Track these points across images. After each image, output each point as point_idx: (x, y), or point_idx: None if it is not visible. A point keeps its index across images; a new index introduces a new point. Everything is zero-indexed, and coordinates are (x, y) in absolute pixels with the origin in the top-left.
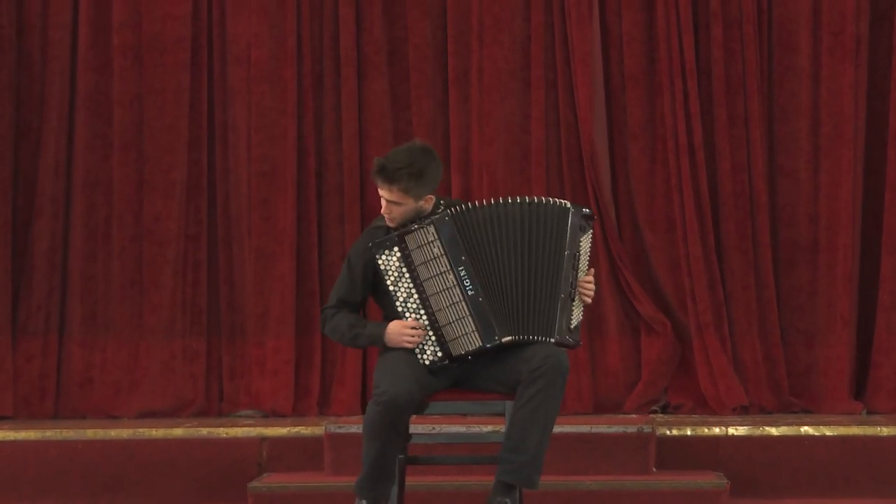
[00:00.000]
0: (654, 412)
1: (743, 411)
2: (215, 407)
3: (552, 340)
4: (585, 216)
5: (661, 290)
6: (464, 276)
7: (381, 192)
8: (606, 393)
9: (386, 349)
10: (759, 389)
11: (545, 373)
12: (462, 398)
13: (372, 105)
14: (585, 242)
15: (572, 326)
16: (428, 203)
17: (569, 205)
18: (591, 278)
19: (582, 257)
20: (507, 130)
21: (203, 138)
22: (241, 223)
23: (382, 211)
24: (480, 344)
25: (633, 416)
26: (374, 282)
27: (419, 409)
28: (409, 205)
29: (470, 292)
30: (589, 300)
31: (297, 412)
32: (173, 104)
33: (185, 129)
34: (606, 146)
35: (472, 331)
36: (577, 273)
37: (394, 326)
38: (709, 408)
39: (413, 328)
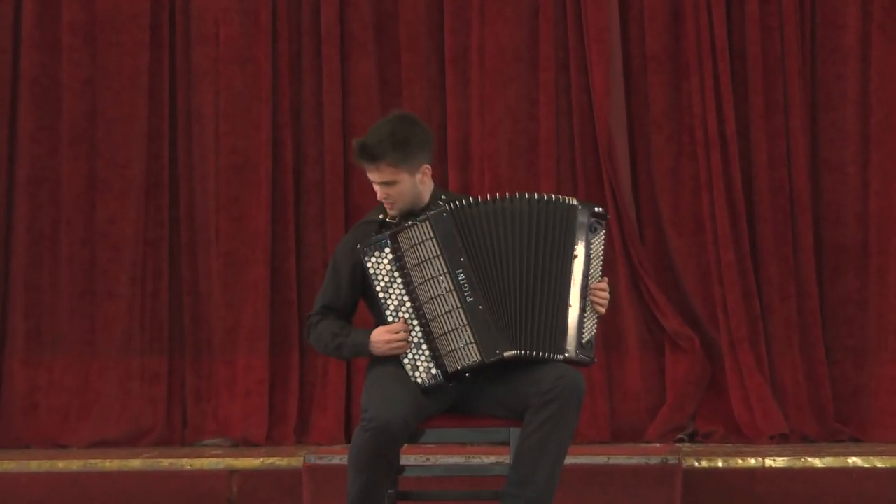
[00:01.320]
0: (681, 441)
1: (782, 440)
2: (178, 435)
3: (562, 357)
4: (597, 215)
5: (688, 301)
6: (462, 280)
7: (371, 176)
8: (626, 419)
9: (374, 363)
10: (801, 414)
11: (558, 396)
12: (461, 424)
13: (357, 90)
14: (597, 244)
15: (584, 341)
16: (426, 176)
17: (576, 201)
18: (604, 285)
19: (594, 261)
20: (511, 118)
21: (164, 128)
22: (208, 225)
23: (380, 197)
24: (479, 358)
25: (657, 445)
26: (364, 285)
27: (412, 436)
28: (406, 181)
29: (468, 299)
30: (603, 311)
31: (271, 440)
32: (130, 89)
33: (143, 117)
34: (626, 136)
35: (470, 343)
36: (588, 279)
37: (378, 333)
38: (743, 436)
39: (397, 331)
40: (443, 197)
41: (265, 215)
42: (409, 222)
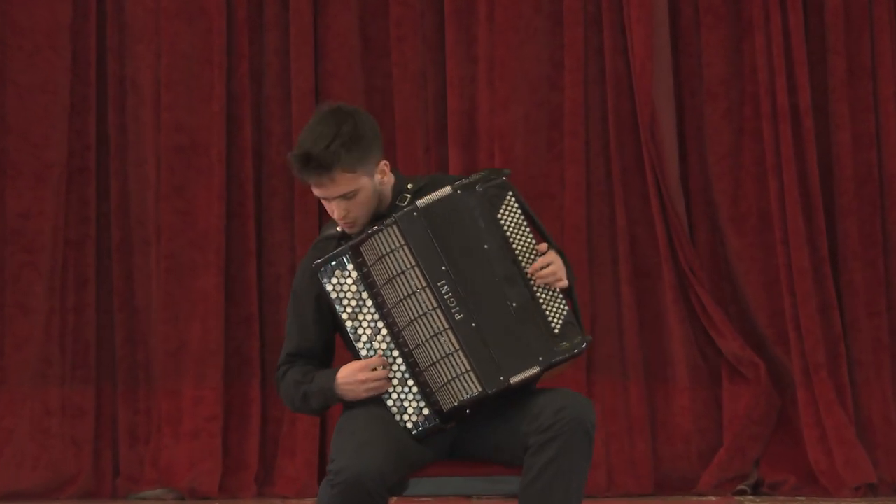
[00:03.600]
0: (742, 493)
1: (870, 491)
2: (108, 485)
3: (537, 369)
4: (485, 181)
5: (750, 318)
6: (447, 293)
7: (322, 193)
8: (672, 465)
9: (348, 405)
10: (893, 460)
11: (560, 433)
12: (463, 472)
13: (334, 51)
14: (510, 216)
15: (557, 329)
16: (385, 175)
17: (449, 188)
18: (544, 258)
19: (516, 239)
20: (529, 87)
21: (91, 100)
22: (146, 221)
23: (338, 217)
24: (480, 389)
25: (712, 499)
26: (335, 318)
27: (397, 488)
28: (366, 187)
29: (457, 317)
30: (562, 282)
31: (226, 492)
32: (48, 50)
33: (64, 86)
34: (673, 111)
35: (467, 371)
36: (518, 265)
37: (349, 372)
38: (820, 486)
39: (374, 367)
40: (409, 186)
41: (218, 209)
42: (373, 228)
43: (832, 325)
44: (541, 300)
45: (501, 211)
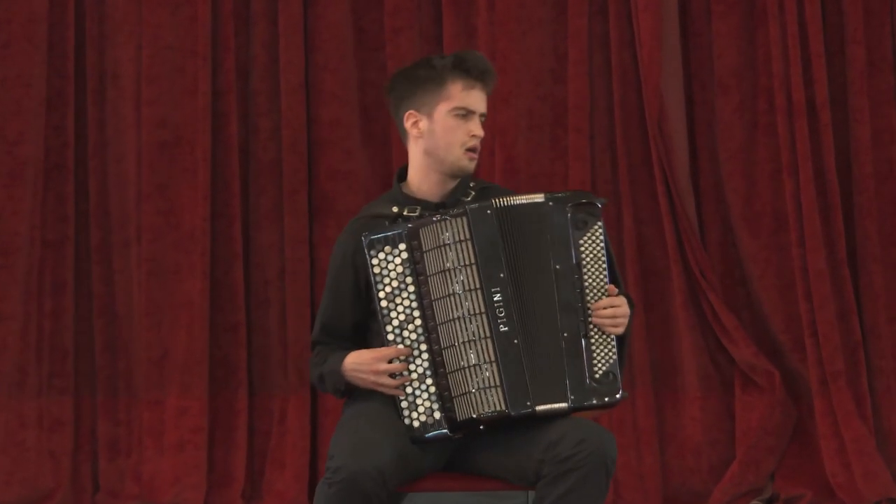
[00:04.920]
0: None
1: None
2: (87, 500)
3: (565, 406)
4: (582, 205)
5: (765, 323)
6: (498, 302)
7: (478, 102)
8: (683, 480)
9: (351, 399)
10: None
11: (579, 465)
12: (468, 487)
13: (326, 43)
14: (592, 244)
15: (598, 374)
16: None
17: (542, 197)
18: (611, 300)
19: (589, 268)
20: (531, 80)
21: (69, 94)
22: (127, 222)
23: (471, 144)
24: (503, 408)
25: None
26: (371, 295)
27: (395, 497)
28: None
29: (502, 328)
30: (618, 329)
31: None
32: (22, 40)
33: (40, 79)
34: (683, 104)
35: (494, 386)
36: (584, 295)
37: (359, 357)
38: (838, 500)
39: (392, 359)
40: (471, 185)
41: (203, 209)
42: (439, 214)
43: (851, 331)
44: (592, 339)
45: (586, 237)
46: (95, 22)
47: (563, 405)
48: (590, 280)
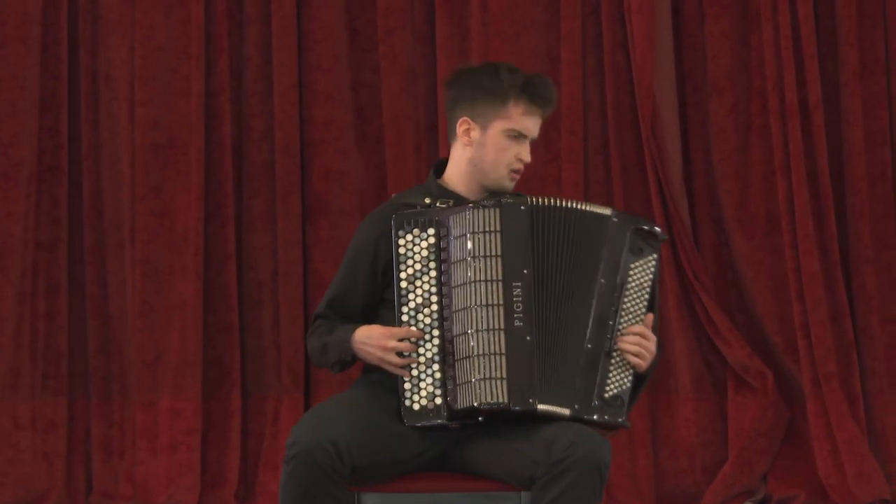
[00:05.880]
0: None
1: None
2: (81, 502)
3: (567, 412)
4: (645, 232)
5: (758, 325)
6: (517, 297)
7: (532, 127)
8: (676, 481)
9: (358, 383)
10: None
11: (571, 467)
12: (460, 487)
13: (319, 43)
14: (642, 272)
15: (607, 395)
16: None
17: (610, 211)
18: (644, 329)
19: (632, 293)
20: None
21: (62, 95)
22: (121, 223)
23: (516, 167)
24: (505, 401)
25: None
26: (386, 277)
27: (370, 474)
28: None
29: (517, 323)
30: (641, 363)
31: None
32: (16, 41)
33: (34, 80)
34: (676, 106)
35: (499, 378)
36: (618, 315)
37: (370, 331)
38: (831, 502)
39: (404, 338)
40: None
41: (196, 210)
42: (472, 204)
43: (844, 332)
44: (612, 359)
45: (638, 263)
46: (89, 23)
47: (566, 412)
48: (628, 304)
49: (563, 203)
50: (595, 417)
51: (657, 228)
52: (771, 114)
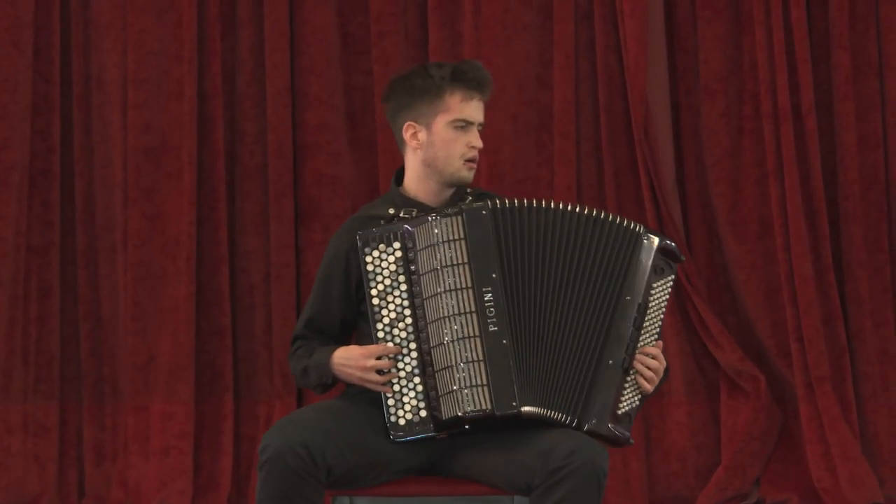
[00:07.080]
0: None
1: None
2: None
3: (585, 427)
4: (667, 252)
5: (750, 329)
6: (489, 302)
7: (476, 113)
8: (668, 485)
9: (340, 395)
10: None
11: (570, 475)
12: (451, 491)
13: (311, 47)
14: (660, 293)
15: (620, 412)
16: None
17: (642, 228)
18: (657, 352)
19: (651, 313)
20: (516, 86)
21: (54, 98)
22: (114, 227)
23: (477, 145)
24: (489, 407)
25: None
26: (360, 294)
27: (353, 478)
28: None
29: (491, 328)
30: (649, 387)
31: None
32: (8, 45)
33: (26, 84)
34: (668, 110)
35: (481, 385)
36: (639, 335)
37: (348, 352)
38: None
39: (380, 355)
40: (468, 191)
41: (189, 214)
42: (434, 214)
43: (836, 336)
44: (628, 378)
45: (659, 284)
46: (81, 27)
47: (555, 414)
48: (648, 324)
49: (528, 203)
50: (603, 433)
51: (676, 247)
52: (764, 117)
